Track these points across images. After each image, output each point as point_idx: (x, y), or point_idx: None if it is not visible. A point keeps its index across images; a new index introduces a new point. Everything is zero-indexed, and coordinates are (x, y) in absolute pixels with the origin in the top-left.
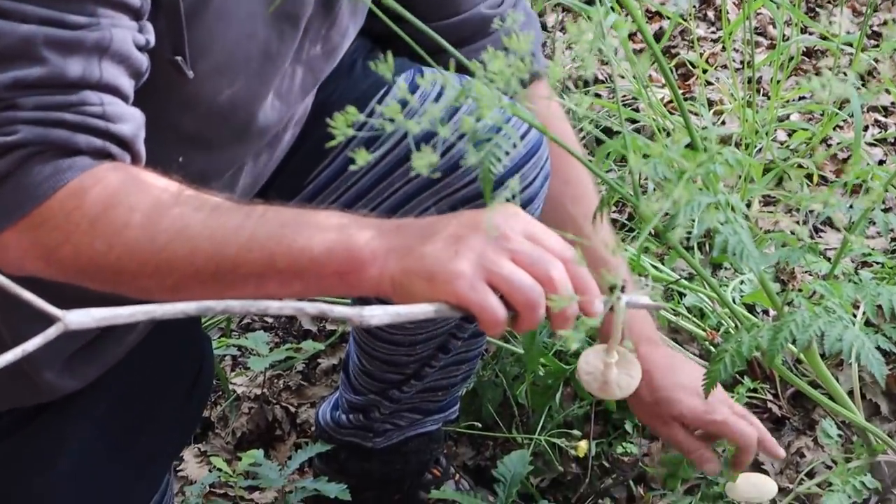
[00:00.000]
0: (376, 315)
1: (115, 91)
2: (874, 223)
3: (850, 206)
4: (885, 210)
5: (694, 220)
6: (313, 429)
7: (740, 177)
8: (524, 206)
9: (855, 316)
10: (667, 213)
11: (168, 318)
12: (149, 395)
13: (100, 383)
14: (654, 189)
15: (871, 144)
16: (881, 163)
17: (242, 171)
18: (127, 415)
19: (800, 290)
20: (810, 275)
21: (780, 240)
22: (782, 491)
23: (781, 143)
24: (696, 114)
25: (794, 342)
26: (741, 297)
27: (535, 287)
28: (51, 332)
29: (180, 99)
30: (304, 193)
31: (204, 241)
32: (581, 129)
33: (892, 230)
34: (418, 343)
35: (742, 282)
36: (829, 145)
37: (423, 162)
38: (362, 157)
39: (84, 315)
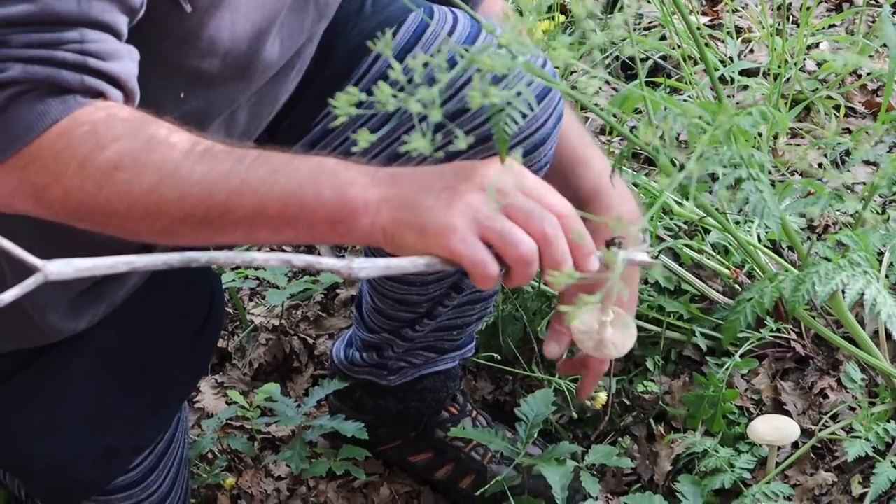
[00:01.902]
0: (365, 268)
1: (107, 28)
2: None
3: (880, 141)
4: None
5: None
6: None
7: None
8: (536, 147)
9: (880, 263)
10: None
11: (150, 269)
12: (157, 334)
13: (105, 323)
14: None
15: None
16: None
17: (243, 110)
18: (135, 354)
19: (825, 231)
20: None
21: (806, 185)
22: (805, 433)
23: (810, 74)
24: (721, 41)
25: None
26: (766, 233)
27: (528, 242)
28: (29, 283)
29: (179, 35)
30: (311, 135)
31: (194, 186)
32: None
33: None
34: (430, 283)
35: None
36: (860, 76)
37: (418, 144)
38: (364, 137)
39: (64, 265)
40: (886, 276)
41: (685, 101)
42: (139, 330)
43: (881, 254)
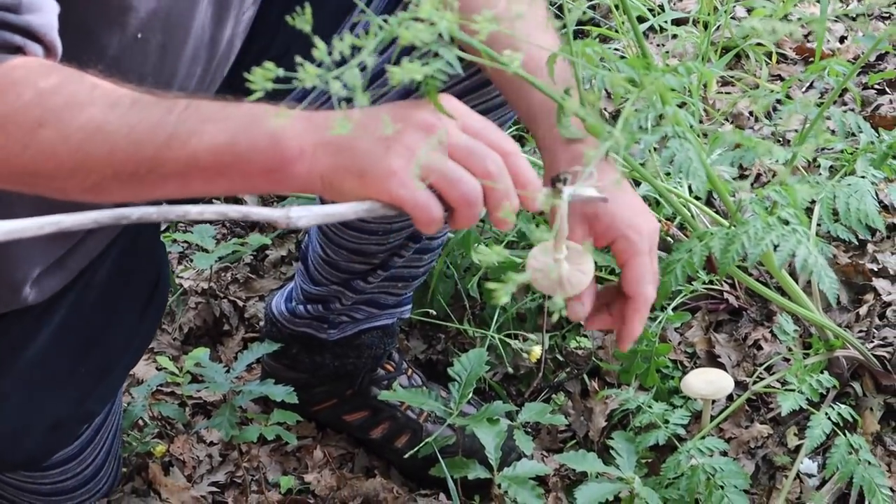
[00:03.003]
0: (304, 216)
1: None
2: (843, 94)
3: (811, 86)
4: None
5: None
6: (262, 323)
7: (698, 57)
8: (500, 105)
9: (810, 217)
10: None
11: (79, 227)
12: (106, 306)
13: (57, 294)
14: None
15: (831, 20)
16: (842, 39)
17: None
18: (85, 325)
19: (757, 180)
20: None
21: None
22: (740, 385)
23: (740, 21)
24: None
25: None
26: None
27: (470, 182)
28: None
29: None
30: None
31: (121, 140)
32: None
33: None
34: (392, 232)
35: None
36: (790, 21)
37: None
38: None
39: None
40: (819, 226)
41: (616, 50)
42: (89, 301)
43: (813, 202)
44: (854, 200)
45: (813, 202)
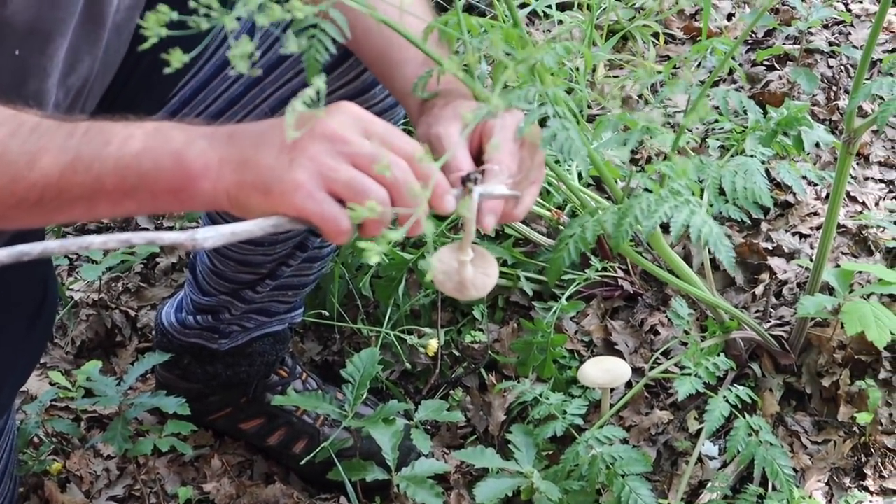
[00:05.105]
0: (210, 237)
1: None
2: (732, 72)
3: (699, 65)
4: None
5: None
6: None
7: (584, 41)
8: (387, 110)
9: (702, 195)
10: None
11: None
12: None
13: None
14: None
15: None
16: (730, 16)
17: (80, 63)
18: None
19: (648, 163)
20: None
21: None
22: (638, 372)
23: (627, 2)
24: None
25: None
26: (588, 170)
27: (376, 190)
28: None
29: None
30: (170, 105)
31: (24, 168)
32: None
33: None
34: (279, 242)
35: None
36: (676, 0)
37: (240, 51)
38: (177, 58)
39: None
40: (711, 206)
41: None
42: None
43: (700, 188)
44: (741, 179)
45: (701, 182)
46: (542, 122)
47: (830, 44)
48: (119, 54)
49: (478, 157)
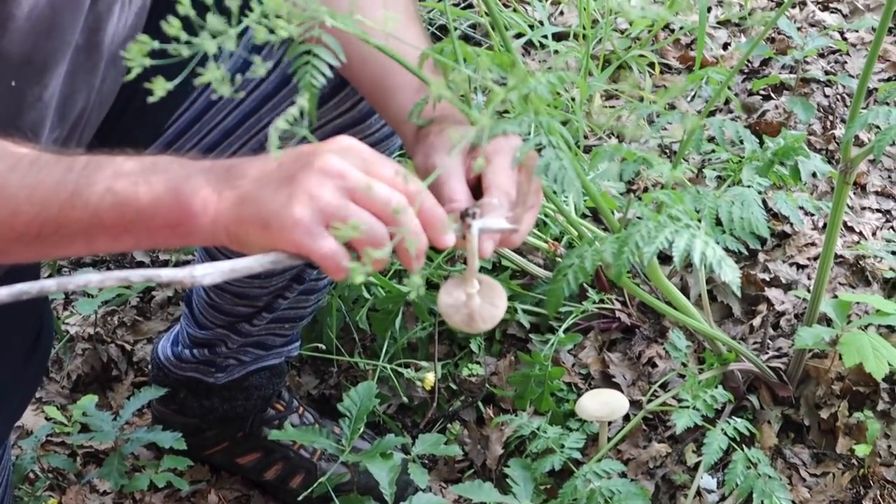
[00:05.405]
0: (209, 274)
1: None
2: (728, 102)
3: (695, 96)
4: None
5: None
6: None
7: (580, 71)
8: (386, 137)
9: (700, 221)
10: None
11: None
12: None
13: None
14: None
15: (714, 27)
16: (726, 46)
17: (77, 93)
18: None
19: (643, 194)
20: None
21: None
22: (636, 405)
23: (622, 33)
24: (529, 4)
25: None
26: (585, 202)
27: (376, 227)
28: None
29: None
30: (165, 137)
31: (23, 203)
32: None
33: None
34: (275, 274)
35: None
36: (672, 30)
37: (212, 76)
38: (160, 86)
39: None
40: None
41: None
42: None
43: (697, 219)
44: (738, 209)
45: (698, 212)
46: (539, 151)
47: (826, 73)
48: (116, 84)
49: (476, 186)
